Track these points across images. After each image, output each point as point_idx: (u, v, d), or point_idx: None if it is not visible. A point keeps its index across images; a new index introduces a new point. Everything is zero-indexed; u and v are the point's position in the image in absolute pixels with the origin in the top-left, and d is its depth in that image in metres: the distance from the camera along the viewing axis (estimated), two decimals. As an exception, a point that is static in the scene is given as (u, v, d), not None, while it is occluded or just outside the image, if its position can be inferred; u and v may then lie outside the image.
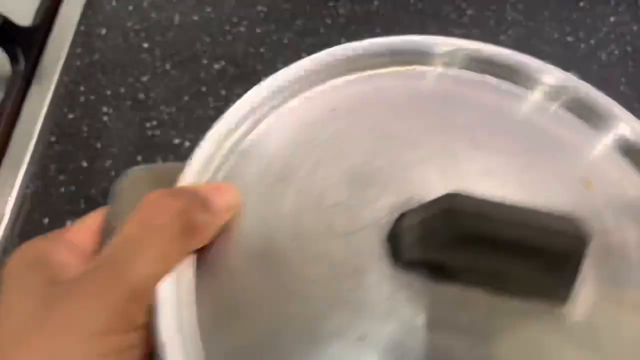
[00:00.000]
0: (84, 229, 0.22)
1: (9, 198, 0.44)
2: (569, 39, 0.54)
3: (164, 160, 0.46)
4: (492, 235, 0.19)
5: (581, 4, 0.56)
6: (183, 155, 0.46)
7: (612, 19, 0.55)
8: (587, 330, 0.21)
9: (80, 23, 0.53)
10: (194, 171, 0.23)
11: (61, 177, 0.46)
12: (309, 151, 0.24)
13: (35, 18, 0.52)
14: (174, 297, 0.19)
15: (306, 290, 0.20)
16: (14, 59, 0.49)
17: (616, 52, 0.53)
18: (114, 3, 0.55)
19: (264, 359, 0.19)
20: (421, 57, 0.27)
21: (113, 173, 0.45)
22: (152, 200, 0.20)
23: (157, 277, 0.19)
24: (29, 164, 0.46)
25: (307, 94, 0.26)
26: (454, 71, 0.28)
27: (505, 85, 0.28)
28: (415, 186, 0.23)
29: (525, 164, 0.25)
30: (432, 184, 0.23)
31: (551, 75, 0.28)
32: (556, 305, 0.21)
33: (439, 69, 0.28)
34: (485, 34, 0.54)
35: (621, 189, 0.25)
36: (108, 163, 0.46)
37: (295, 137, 0.24)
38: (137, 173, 0.24)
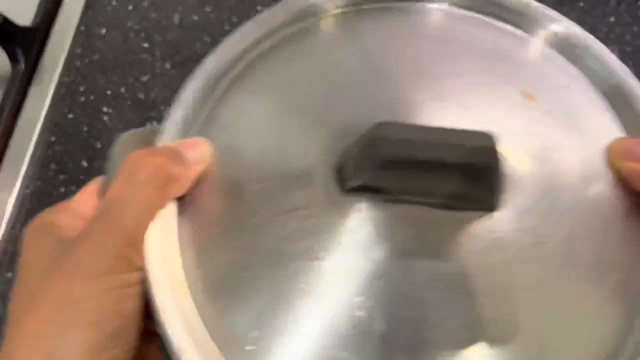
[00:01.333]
0: (85, 196, 0.26)
1: (9, 198, 0.44)
2: (569, 39, 0.54)
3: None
4: (412, 157, 0.22)
5: (581, 4, 0.56)
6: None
7: (612, 19, 0.55)
8: (517, 234, 0.23)
9: (80, 23, 0.53)
10: (171, 132, 0.25)
11: (61, 177, 0.46)
12: (275, 100, 0.26)
13: (35, 18, 0.52)
14: (159, 239, 0.23)
15: (270, 223, 0.23)
16: (14, 59, 0.49)
17: (616, 52, 0.53)
18: (114, 3, 0.55)
19: (236, 284, 0.22)
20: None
21: (113, 173, 0.45)
22: (133, 159, 0.23)
23: (146, 225, 0.22)
24: (29, 164, 0.46)
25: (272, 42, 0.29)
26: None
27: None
28: (363, 118, 0.24)
29: (467, 86, 0.26)
30: (381, 114, 0.24)
31: None
32: (485, 213, 0.23)
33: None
34: (485, 34, 0.54)
35: (563, 94, 0.27)
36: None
37: (263, 92, 0.27)
38: (125, 138, 0.26)
